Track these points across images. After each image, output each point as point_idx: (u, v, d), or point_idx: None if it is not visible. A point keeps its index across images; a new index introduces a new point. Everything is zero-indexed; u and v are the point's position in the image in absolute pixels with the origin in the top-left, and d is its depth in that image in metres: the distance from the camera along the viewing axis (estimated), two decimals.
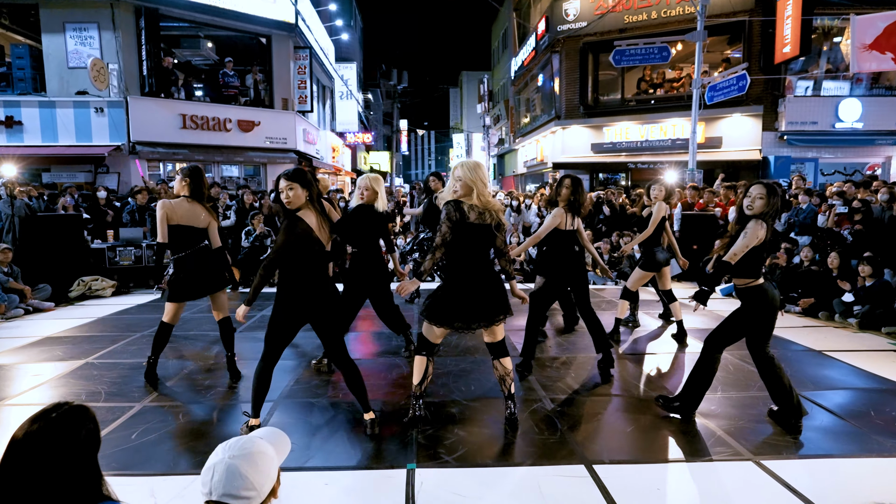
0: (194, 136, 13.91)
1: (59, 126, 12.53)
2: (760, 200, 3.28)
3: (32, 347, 5.43)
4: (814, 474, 2.91)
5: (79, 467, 1.44)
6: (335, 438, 3.36)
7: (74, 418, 1.46)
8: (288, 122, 15.81)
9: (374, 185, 4.51)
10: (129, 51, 12.85)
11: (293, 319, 3.19)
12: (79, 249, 8.32)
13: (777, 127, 14.50)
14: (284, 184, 3.06)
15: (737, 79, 10.82)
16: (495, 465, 3.03)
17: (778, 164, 14.31)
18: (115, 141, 12.73)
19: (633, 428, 3.51)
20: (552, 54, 17.74)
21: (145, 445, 3.25)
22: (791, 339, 5.66)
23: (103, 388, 4.22)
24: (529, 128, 22.16)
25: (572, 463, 3.03)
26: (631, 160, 16.23)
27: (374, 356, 5.12)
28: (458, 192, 3.18)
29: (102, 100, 12.65)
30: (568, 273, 4.52)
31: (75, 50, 12.61)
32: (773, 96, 14.47)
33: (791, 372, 4.57)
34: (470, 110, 43.82)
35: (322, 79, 21.05)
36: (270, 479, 1.50)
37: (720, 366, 4.74)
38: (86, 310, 7.31)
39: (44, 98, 12.52)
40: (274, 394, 4.08)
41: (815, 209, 8.28)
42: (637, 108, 16.35)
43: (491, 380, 4.43)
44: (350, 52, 27.71)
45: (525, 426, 3.53)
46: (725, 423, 3.56)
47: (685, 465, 3.02)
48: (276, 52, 15.71)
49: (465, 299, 3.21)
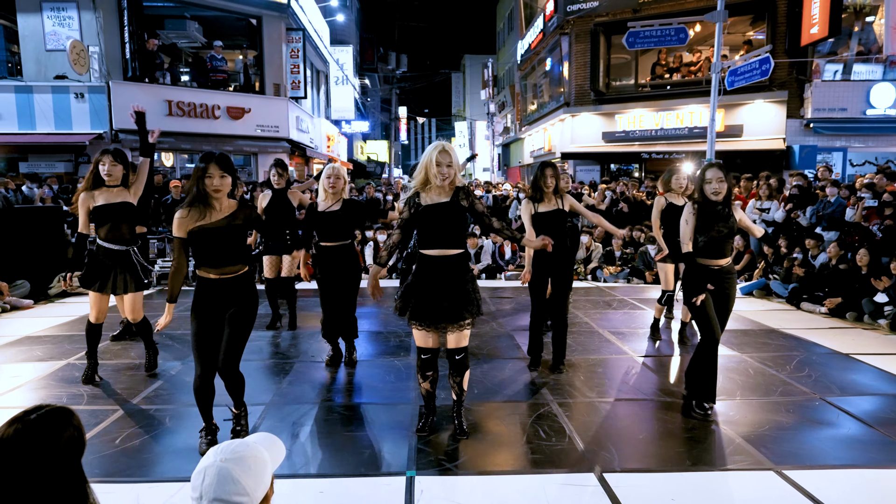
0: (181, 123, 13.92)
1: (36, 113, 12.54)
2: (723, 184, 3.60)
3: (10, 347, 5.45)
4: (840, 485, 2.91)
5: (61, 473, 1.44)
6: (330, 444, 3.38)
7: (56, 421, 1.46)
8: (280, 108, 15.81)
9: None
10: (110, 32, 12.84)
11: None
12: (58, 244, 8.34)
13: (802, 114, 14.42)
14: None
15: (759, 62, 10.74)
16: (500, 472, 3.04)
17: (803, 153, 14.24)
18: (96, 129, 12.75)
19: (645, 434, 3.52)
20: (561, 36, 17.67)
21: (130, 451, 3.27)
22: (815, 342, 5.65)
23: (85, 391, 4.24)
24: (536, 115, 22.11)
25: (582, 471, 3.04)
26: (645, 150, 16.17)
27: (374, 357, 5.14)
28: (420, 176, 3.25)
29: (83, 85, 12.65)
30: (547, 260, 4.53)
31: (53, 31, 12.61)
32: (798, 81, 14.38)
33: (815, 376, 4.58)
34: (473, 97, 43.69)
35: (316, 63, 21.03)
36: (264, 485, 1.51)
37: (742, 369, 4.76)
38: (67, 307, 7.34)
39: (20, 83, 12.52)
40: (265, 397, 4.10)
41: (844, 202, 8.26)
42: (652, 95, 16.29)
43: (495, 382, 4.44)
44: (346, 35, 27.66)
45: (531, 431, 3.54)
46: (745, 430, 3.56)
47: (702, 475, 3.02)
48: (268, 35, 15.68)
49: (429, 290, 3.22)
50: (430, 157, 3.18)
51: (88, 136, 12.54)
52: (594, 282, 9.37)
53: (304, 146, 17.99)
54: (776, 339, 5.79)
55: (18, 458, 1.39)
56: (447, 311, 3.22)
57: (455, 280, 3.24)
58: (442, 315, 3.22)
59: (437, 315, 3.22)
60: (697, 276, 3.67)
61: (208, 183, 3.07)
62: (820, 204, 8.51)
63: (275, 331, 5.97)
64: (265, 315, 6.02)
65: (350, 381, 4.53)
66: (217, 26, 16.53)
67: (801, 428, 3.61)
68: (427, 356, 3.37)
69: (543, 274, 4.59)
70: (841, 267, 7.10)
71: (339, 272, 4.57)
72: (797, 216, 8.62)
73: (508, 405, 4.00)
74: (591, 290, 8.57)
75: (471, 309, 3.25)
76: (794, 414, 3.82)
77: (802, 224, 8.51)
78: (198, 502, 1.45)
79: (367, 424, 3.67)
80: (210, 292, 3.18)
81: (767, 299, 7.94)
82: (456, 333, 3.29)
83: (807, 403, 4.02)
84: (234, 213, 3.19)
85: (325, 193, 4.57)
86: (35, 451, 1.40)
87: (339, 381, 4.51)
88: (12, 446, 1.39)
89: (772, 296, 7.98)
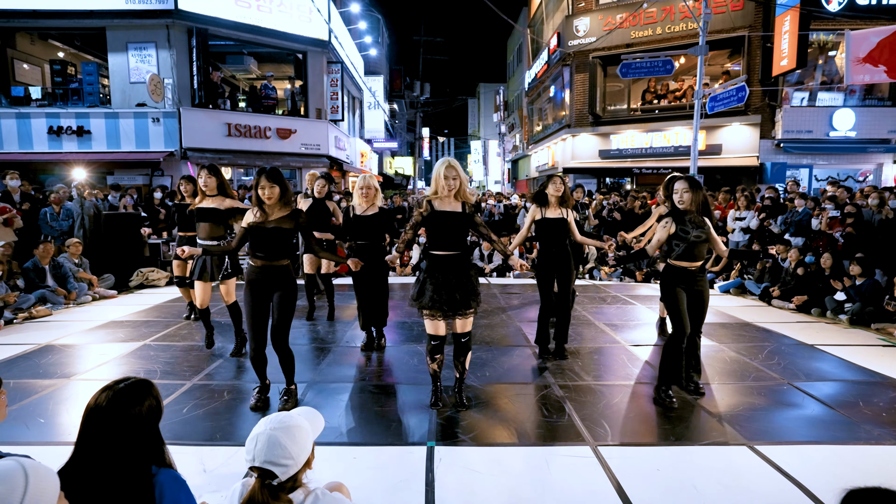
0: (238, 142, 14.12)
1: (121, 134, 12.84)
2: (687, 194, 3.54)
3: (98, 330, 5.58)
4: (805, 460, 2.86)
5: (142, 433, 1.50)
6: (363, 418, 3.40)
7: (139, 390, 1.53)
8: (321, 130, 15.94)
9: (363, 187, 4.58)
10: (181, 67, 13.09)
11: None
12: (137, 244, 8.52)
13: (774, 135, 14.15)
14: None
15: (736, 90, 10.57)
16: (507, 444, 3.04)
17: (774, 170, 13.97)
18: (169, 147, 13.00)
19: (636, 413, 3.48)
20: (563, 67, 17.55)
21: (195, 419, 3.33)
22: (784, 334, 5.54)
23: (158, 367, 4.33)
24: (542, 135, 21.98)
25: (579, 444, 3.02)
26: (636, 165, 15.98)
27: (400, 343, 5.16)
28: (432, 187, 3.34)
29: (158, 111, 12.92)
30: (551, 259, 4.52)
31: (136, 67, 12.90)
32: (770, 106, 14.13)
33: (784, 364, 4.49)
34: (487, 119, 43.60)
35: (352, 90, 21.15)
36: (306, 451, 1.53)
37: (720, 357, 4.69)
38: (143, 297, 7.49)
39: (109, 110, 12.85)
40: (307, 376, 4.14)
41: (810, 212, 8.08)
42: (642, 118, 16.10)
43: (504, 367, 4.43)
44: (377, 66, 27.76)
45: (535, 410, 3.52)
46: (722, 410, 3.51)
47: (685, 448, 2.98)
48: (311, 67, 15.82)
49: (441, 285, 3.26)
50: (438, 172, 3.29)
51: (162, 153, 12.81)
52: (591, 280, 9.29)
53: (342, 161, 18.12)
54: (750, 331, 5.69)
55: (111, 420, 1.46)
56: (458, 301, 3.27)
57: (462, 275, 3.30)
58: (454, 305, 3.27)
59: (450, 305, 3.26)
60: (672, 275, 3.62)
61: (261, 192, 3.27)
62: (789, 213, 8.33)
63: (312, 321, 5.95)
64: (303, 307, 6.08)
65: (380, 363, 4.55)
66: (269, 60, 16.74)
67: (772, 409, 3.55)
68: (437, 342, 3.41)
69: (550, 273, 4.56)
70: (799, 272, 6.97)
71: (371, 268, 4.58)
72: (769, 224, 8.45)
73: (516, 386, 3.99)
74: (589, 287, 8.50)
75: (476, 299, 3.33)
76: (765, 397, 3.76)
77: (774, 231, 8.34)
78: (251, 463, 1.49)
79: (394, 401, 3.69)
80: (256, 277, 3.35)
81: (742, 296, 7.80)
82: (462, 320, 3.34)
83: (776, 388, 3.95)
84: (283, 216, 3.32)
85: (360, 199, 4.61)
86: (123, 415, 1.47)
87: (371, 364, 4.53)
88: (106, 410, 1.47)
89: (746, 293, 7.84)
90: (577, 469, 2.75)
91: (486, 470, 2.74)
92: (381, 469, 2.75)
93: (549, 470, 2.73)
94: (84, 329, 5.60)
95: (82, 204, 8.13)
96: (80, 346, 4.99)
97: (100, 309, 6.70)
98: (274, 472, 1.46)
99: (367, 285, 4.65)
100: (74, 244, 7.42)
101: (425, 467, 2.75)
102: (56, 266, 6.92)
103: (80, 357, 4.65)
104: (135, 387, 1.53)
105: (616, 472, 2.70)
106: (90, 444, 1.46)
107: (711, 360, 4.64)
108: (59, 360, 4.54)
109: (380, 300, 4.72)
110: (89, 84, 12.91)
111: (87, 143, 12.73)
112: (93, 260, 7.82)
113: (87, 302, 7.08)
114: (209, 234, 4.61)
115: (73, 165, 9.91)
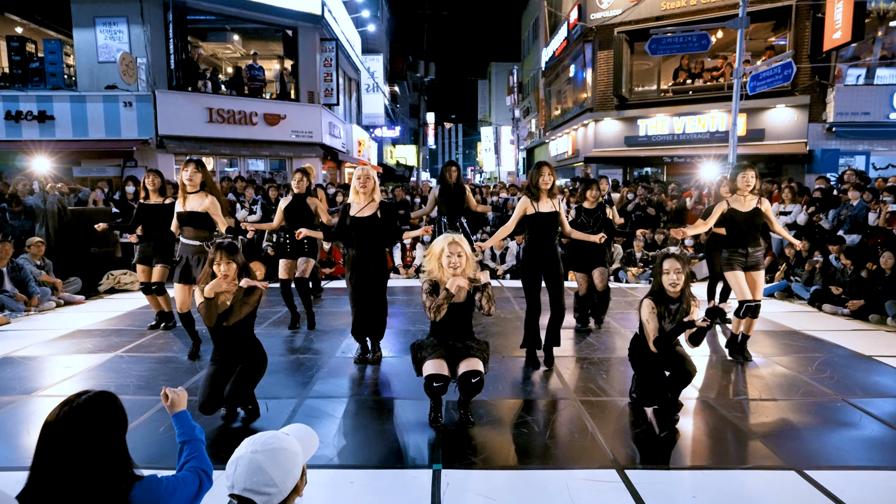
0: (220, 129, 14.19)
1: (89, 120, 12.93)
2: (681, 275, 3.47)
3: (63, 340, 5.62)
4: (862, 487, 2.82)
5: (105, 449, 1.54)
6: (360, 436, 3.40)
7: (100, 403, 1.57)
8: (314, 115, 16.00)
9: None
10: (157, 44, 13.17)
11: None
12: (108, 244, 8.57)
13: (824, 118, 14.02)
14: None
15: (781, 67, 10.47)
16: (523, 467, 3.02)
17: (825, 157, 13.84)
18: (143, 135, 13.08)
19: (667, 432, 3.45)
20: (585, 44, 17.51)
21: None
22: (838, 343, 5.48)
23: (131, 382, 4.34)
24: (560, 120, 21.94)
25: (603, 467, 3.00)
26: (667, 154, 15.89)
27: (401, 354, 5.15)
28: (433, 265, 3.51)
29: (131, 94, 13.00)
30: (538, 258, 4.54)
31: (105, 44, 12.99)
32: (820, 86, 13.99)
33: (837, 378, 4.44)
34: (499, 103, 43.60)
35: (348, 71, 21.22)
36: (293, 477, 1.52)
37: (764, 370, 4.64)
38: (114, 303, 7.53)
39: (75, 93, 12.93)
40: (298, 390, 4.14)
41: (867, 206, 7.99)
42: (674, 100, 16.02)
43: (518, 379, 4.42)
44: (377, 44, 27.84)
45: (554, 428, 3.50)
46: (767, 430, 3.47)
47: (724, 473, 2.95)
48: (303, 45, 15.89)
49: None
50: (439, 250, 3.40)
51: (136, 142, 12.89)
52: (616, 283, 9.24)
53: (337, 150, 18.17)
54: (798, 340, 5.63)
55: (68, 437, 1.50)
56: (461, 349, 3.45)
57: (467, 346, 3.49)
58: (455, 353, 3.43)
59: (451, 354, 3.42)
60: (644, 348, 3.56)
61: (216, 268, 3.35)
62: (842, 207, 8.25)
63: (296, 330, 5.92)
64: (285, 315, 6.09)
65: (378, 376, 4.55)
66: (255, 37, 16.82)
67: (823, 429, 3.51)
68: (439, 383, 3.35)
69: (536, 272, 4.58)
70: (849, 272, 6.93)
71: (368, 274, 4.58)
72: (819, 219, 8.38)
73: (532, 402, 3.98)
74: (615, 291, 8.43)
75: (482, 354, 3.48)
76: (815, 415, 3.72)
77: (825, 227, 8.26)
78: (230, 490, 1.48)
79: (394, 418, 3.69)
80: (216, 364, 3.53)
81: (789, 301, 7.74)
82: (468, 360, 3.39)
83: (829, 404, 3.90)
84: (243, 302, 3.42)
85: (357, 194, 4.59)
86: (82, 430, 1.51)
87: (369, 377, 4.53)
88: (62, 426, 1.50)
89: (793, 297, 7.77)
90: (603, 495, 2.73)
91: (499, 496, 2.72)
92: (382, 495, 2.74)
93: (569, 496, 2.71)
94: (47, 339, 5.64)
95: (45, 199, 8.19)
96: (42, 358, 5.02)
97: (65, 316, 6.74)
98: (254, 500, 1.45)
99: (364, 295, 4.63)
100: (36, 244, 7.48)
101: (431, 493, 2.74)
102: (15, 268, 6.97)
103: (43, 370, 4.68)
104: (96, 400, 1.56)
105: (646, 499, 2.68)
106: (49, 466, 1.48)
107: (754, 373, 4.60)
108: (19, 374, 4.57)
109: (377, 311, 4.70)
110: (52, 64, 12.99)
111: (49, 131, 12.83)
112: (57, 261, 7.88)
113: (51, 308, 7.13)
114: (195, 235, 4.84)
115: (34, 155, 10.00)
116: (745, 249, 4.79)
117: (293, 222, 5.60)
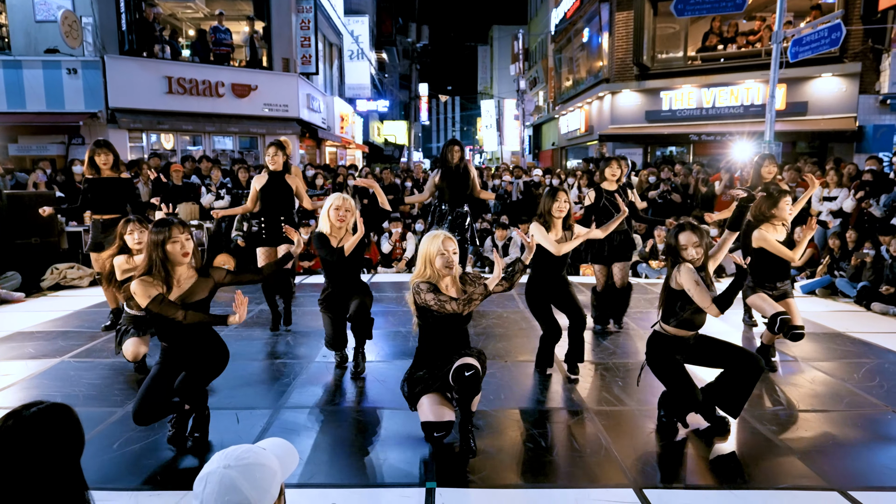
0: (182, 102, 14.12)
1: (26, 90, 12.79)
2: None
3: (1, 343, 5.60)
4: None
5: (57, 471, 1.47)
6: (343, 451, 3.43)
7: (53, 417, 1.49)
8: (289, 86, 15.93)
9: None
10: (105, 1, 13.03)
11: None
12: (52, 233, 8.56)
13: (878, 89, 14.03)
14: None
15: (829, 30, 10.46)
16: (528, 485, 3.06)
17: (878, 134, 13.86)
18: (90, 108, 12.98)
19: (691, 448, 3.49)
20: (601, 3, 17.47)
21: (129, 455, 3.35)
22: (889, 347, 5.53)
23: (81, 391, 4.35)
24: (572, 93, 21.93)
25: (619, 486, 3.03)
26: (694, 131, 15.89)
27: (389, 359, 5.17)
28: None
29: (76, 59, 12.87)
30: (545, 287, 4.61)
31: (43, 1, 12.83)
32: (874, 51, 13.99)
33: (888, 387, 4.49)
34: (502, 72, 43.48)
35: (329, 35, 21.12)
36: (270, 496, 1.52)
37: (803, 377, 4.69)
38: (60, 301, 7.52)
39: (8, 57, 12.75)
40: (272, 400, 4.16)
41: None
42: (703, 69, 16.01)
43: (523, 387, 4.45)
44: (361, 4, 27.69)
45: (563, 442, 3.54)
46: (806, 446, 3.51)
47: (756, 493, 2.99)
48: (276, 4, 15.79)
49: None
50: (430, 249, 3.40)
51: (82, 115, 12.78)
52: (635, 278, 9.28)
53: (316, 127, 18.11)
54: (843, 343, 5.68)
55: (12, 456, 1.41)
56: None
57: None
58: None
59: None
60: (668, 345, 3.69)
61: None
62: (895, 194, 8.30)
63: (276, 332, 5.95)
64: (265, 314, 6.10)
65: (364, 383, 4.57)
66: None
67: (871, 444, 3.56)
68: (441, 433, 3.36)
69: (545, 300, 4.63)
70: None
71: (349, 299, 4.56)
72: (869, 206, 8.41)
73: (538, 412, 4.01)
74: (634, 287, 8.46)
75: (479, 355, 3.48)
76: (862, 429, 3.76)
77: (875, 215, 8.31)
78: None
79: (382, 430, 3.72)
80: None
81: (832, 299, 7.79)
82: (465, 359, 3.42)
83: (877, 417, 3.95)
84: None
85: (332, 227, 4.39)
86: (30, 449, 1.41)
87: (353, 384, 4.55)
88: (6, 442, 1.41)
89: (837, 295, 7.83)
90: None
91: None
92: None
93: None
94: None
95: None
96: None
97: (2, 316, 6.73)
98: None
99: (341, 315, 4.60)
100: None
101: None
102: None
103: None
104: (48, 413, 1.49)
105: None
106: None
107: (792, 381, 4.64)
108: None
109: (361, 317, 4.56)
110: None
111: None
112: None
113: None
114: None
115: None
116: (774, 284, 4.80)
117: (271, 204, 5.56)
